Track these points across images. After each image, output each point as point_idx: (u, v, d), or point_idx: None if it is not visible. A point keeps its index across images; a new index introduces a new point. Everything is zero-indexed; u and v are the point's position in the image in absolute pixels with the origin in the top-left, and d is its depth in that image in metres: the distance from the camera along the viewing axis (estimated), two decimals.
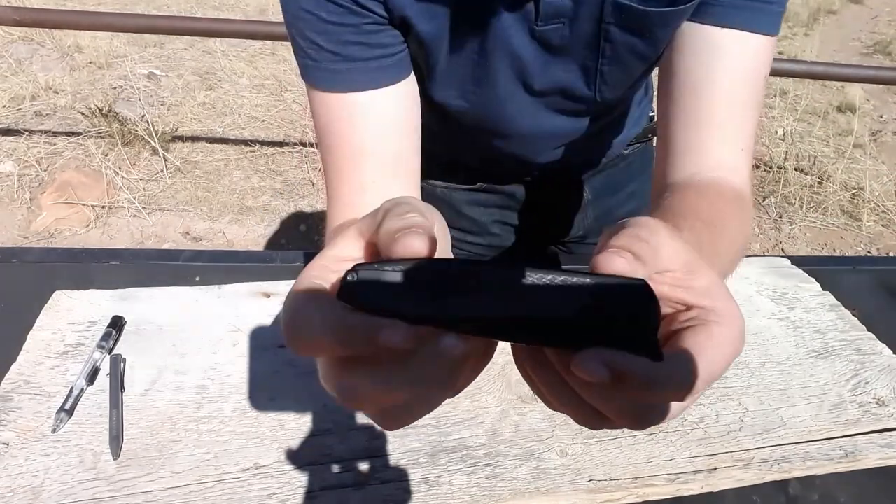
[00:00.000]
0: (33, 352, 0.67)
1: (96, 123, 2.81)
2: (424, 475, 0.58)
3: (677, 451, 0.61)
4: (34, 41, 3.60)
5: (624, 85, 0.64)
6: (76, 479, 0.55)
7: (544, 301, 0.23)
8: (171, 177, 2.70)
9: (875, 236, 2.68)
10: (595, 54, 0.58)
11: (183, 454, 0.58)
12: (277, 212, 2.59)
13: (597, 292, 0.23)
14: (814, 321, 0.80)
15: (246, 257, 0.86)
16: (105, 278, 0.79)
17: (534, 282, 0.23)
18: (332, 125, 0.56)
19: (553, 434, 0.62)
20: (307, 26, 0.53)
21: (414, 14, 0.53)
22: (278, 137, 3.03)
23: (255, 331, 0.72)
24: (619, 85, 0.63)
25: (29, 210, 2.44)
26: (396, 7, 0.52)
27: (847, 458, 0.62)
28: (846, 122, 3.47)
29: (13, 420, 0.60)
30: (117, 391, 0.63)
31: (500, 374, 0.69)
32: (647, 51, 0.58)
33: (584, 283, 0.23)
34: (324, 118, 0.57)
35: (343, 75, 0.54)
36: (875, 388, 0.70)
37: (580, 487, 0.57)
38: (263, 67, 3.66)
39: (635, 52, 0.58)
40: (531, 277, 0.23)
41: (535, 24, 0.55)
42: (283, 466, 0.58)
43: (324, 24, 0.52)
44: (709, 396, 0.68)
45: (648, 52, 0.59)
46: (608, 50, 0.58)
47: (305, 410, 0.63)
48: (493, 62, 0.59)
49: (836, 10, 5.25)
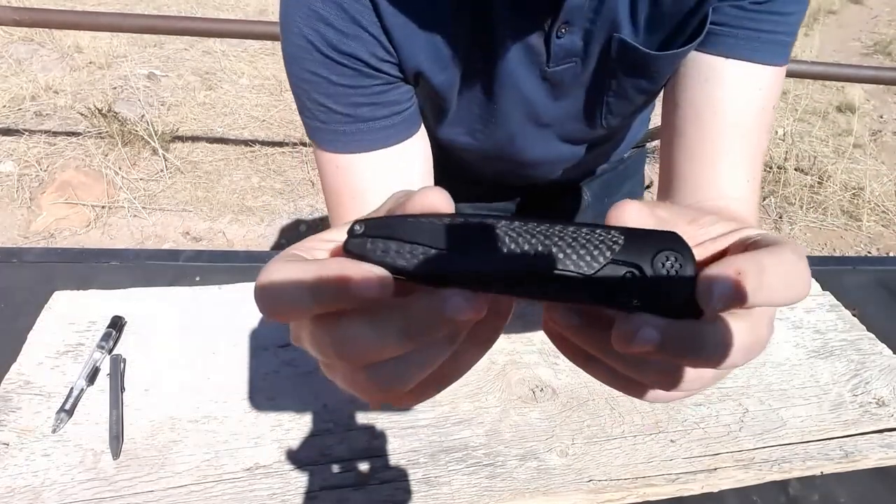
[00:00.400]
0: (33, 352, 0.67)
1: (96, 123, 2.81)
2: (425, 475, 0.58)
3: (677, 451, 0.61)
4: (34, 41, 3.59)
5: (628, 113, 0.64)
6: (76, 480, 0.55)
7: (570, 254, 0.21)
8: (171, 177, 2.70)
9: (875, 236, 2.68)
10: (602, 89, 0.58)
11: (183, 454, 0.58)
12: (277, 212, 2.59)
13: (627, 242, 0.21)
14: (814, 321, 0.80)
15: (246, 257, 0.86)
16: (105, 278, 0.79)
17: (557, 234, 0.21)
18: (341, 186, 0.56)
19: (553, 434, 0.62)
20: (315, 89, 0.51)
21: (427, 68, 0.52)
22: (278, 137, 3.03)
23: (255, 331, 0.72)
24: (624, 114, 0.64)
25: (29, 210, 2.44)
26: (410, 65, 0.52)
27: (847, 458, 0.62)
28: (846, 122, 3.47)
29: (13, 420, 0.60)
30: (117, 391, 0.63)
31: (500, 375, 0.69)
32: (650, 86, 0.58)
33: (611, 234, 0.21)
34: (331, 177, 0.56)
35: (354, 136, 0.53)
36: (875, 388, 0.70)
37: (580, 487, 0.57)
38: (263, 67, 3.65)
39: (639, 88, 0.58)
40: (553, 230, 0.21)
41: (547, 66, 0.54)
42: (283, 466, 0.58)
43: (334, 87, 0.51)
44: (709, 396, 0.68)
45: (652, 87, 0.59)
46: (614, 85, 0.58)
47: (305, 410, 0.63)
48: (502, 104, 0.58)
49: (836, 10, 5.25)
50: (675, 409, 0.66)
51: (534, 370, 0.70)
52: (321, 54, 0.49)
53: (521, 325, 0.75)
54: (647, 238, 0.21)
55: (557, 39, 0.52)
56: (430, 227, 0.21)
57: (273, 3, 4.45)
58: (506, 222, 0.21)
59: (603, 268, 0.21)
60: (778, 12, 0.51)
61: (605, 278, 0.21)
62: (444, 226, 0.21)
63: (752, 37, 0.51)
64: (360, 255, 0.21)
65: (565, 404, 0.66)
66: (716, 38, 0.52)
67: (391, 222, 0.21)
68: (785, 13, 0.51)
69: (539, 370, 0.70)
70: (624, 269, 0.21)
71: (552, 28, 0.51)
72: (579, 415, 0.65)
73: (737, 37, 0.52)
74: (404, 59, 0.51)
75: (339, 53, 0.49)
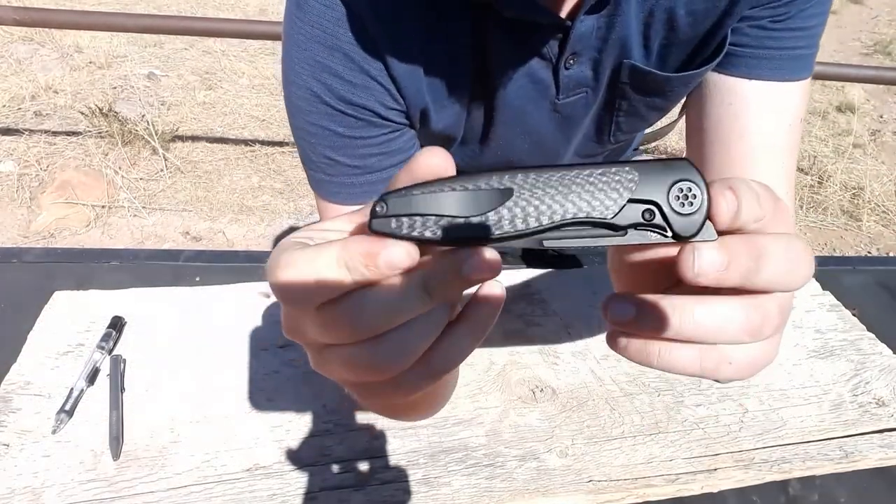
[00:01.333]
0: (33, 352, 0.67)
1: (96, 123, 2.81)
2: (425, 475, 0.58)
3: (677, 451, 0.61)
4: (34, 41, 3.59)
5: (638, 129, 0.63)
6: (76, 480, 0.55)
7: (591, 200, 0.22)
8: (171, 176, 2.70)
9: (875, 236, 2.68)
10: (612, 109, 0.57)
11: (183, 455, 0.58)
12: (277, 212, 2.58)
13: (642, 179, 0.22)
14: (814, 321, 0.80)
15: (246, 257, 0.86)
16: (105, 278, 0.79)
17: (573, 181, 0.22)
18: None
19: (553, 435, 0.62)
20: (321, 142, 0.50)
21: (433, 109, 0.52)
22: (278, 137, 3.03)
23: (255, 331, 0.72)
24: (635, 130, 0.62)
25: (29, 210, 2.44)
26: (415, 110, 0.51)
27: (847, 458, 0.62)
28: (846, 122, 3.46)
29: (13, 421, 0.60)
30: (117, 392, 0.63)
31: (500, 375, 0.69)
32: (664, 103, 0.57)
33: (625, 173, 0.22)
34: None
35: (363, 188, 0.52)
36: (875, 389, 0.70)
37: (580, 488, 0.57)
38: (263, 67, 3.65)
39: (653, 105, 0.57)
40: (568, 177, 0.22)
41: (557, 99, 0.53)
42: (283, 467, 0.58)
43: (342, 139, 0.50)
44: (709, 396, 0.68)
45: (666, 104, 0.57)
46: (625, 105, 0.56)
47: (305, 411, 0.63)
48: (509, 138, 0.57)
49: (836, 10, 5.24)
50: (674, 409, 0.66)
51: (534, 370, 0.70)
52: (329, 107, 0.48)
53: (521, 325, 0.75)
54: (660, 172, 0.22)
55: (566, 71, 0.51)
56: (452, 196, 0.22)
57: (273, 2, 4.45)
58: (522, 176, 0.22)
59: (622, 210, 0.22)
60: (799, 28, 0.49)
61: (626, 218, 0.22)
62: (466, 193, 0.22)
63: (774, 55, 0.50)
64: (387, 234, 0.22)
65: (565, 405, 0.66)
66: (737, 59, 0.50)
67: (412, 198, 0.22)
68: (806, 27, 0.49)
69: (539, 370, 0.70)
70: (642, 208, 0.22)
71: (559, 60, 0.50)
72: (579, 415, 0.65)
73: (758, 57, 0.50)
74: (411, 105, 0.50)
75: (347, 105, 0.48)
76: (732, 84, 0.51)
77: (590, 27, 0.48)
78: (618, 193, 0.22)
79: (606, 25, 0.48)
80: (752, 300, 0.24)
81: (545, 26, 0.47)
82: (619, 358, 0.72)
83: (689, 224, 0.22)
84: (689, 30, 0.49)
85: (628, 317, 0.23)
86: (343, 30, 0.46)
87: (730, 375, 0.25)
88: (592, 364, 0.71)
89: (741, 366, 0.24)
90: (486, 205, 0.22)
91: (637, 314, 0.23)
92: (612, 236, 0.22)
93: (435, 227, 0.21)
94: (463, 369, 0.68)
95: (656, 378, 0.70)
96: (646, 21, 0.49)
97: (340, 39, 0.46)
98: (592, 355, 0.72)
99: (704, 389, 0.69)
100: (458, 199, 0.22)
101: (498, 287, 0.24)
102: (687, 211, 0.22)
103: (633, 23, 0.48)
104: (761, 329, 0.24)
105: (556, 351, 0.72)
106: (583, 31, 0.48)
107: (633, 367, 0.71)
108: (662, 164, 0.22)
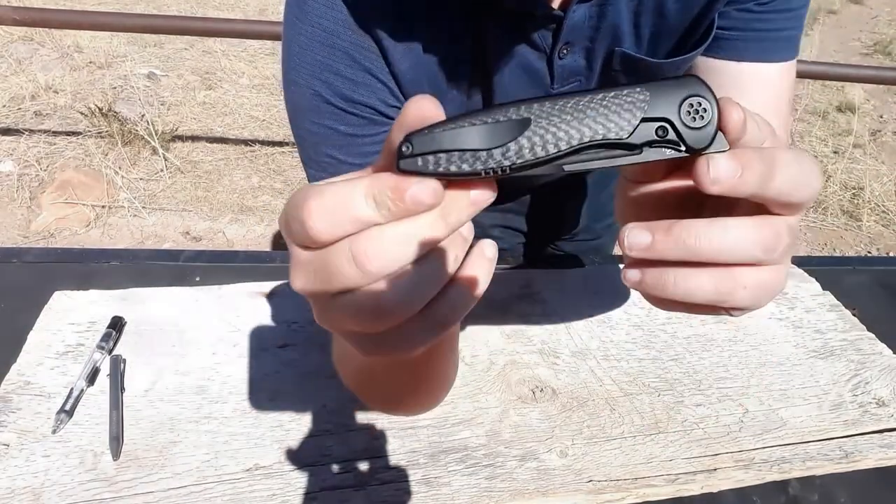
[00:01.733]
0: (33, 352, 0.67)
1: (96, 123, 2.81)
2: (425, 475, 0.58)
3: (677, 451, 0.61)
4: (34, 41, 3.59)
5: None
6: (76, 480, 0.55)
7: (605, 122, 0.23)
8: (171, 176, 2.70)
9: (875, 236, 2.68)
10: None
11: (183, 455, 0.58)
12: (277, 212, 2.58)
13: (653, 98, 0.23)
14: (814, 321, 0.80)
15: (246, 257, 0.86)
16: (105, 278, 0.79)
17: (588, 106, 0.23)
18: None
19: (553, 434, 0.62)
20: (323, 141, 0.50)
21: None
22: (278, 137, 3.03)
23: (255, 331, 0.72)
24: None
25: (29, 210, 2.44)
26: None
27: (847, 458, 0.62)
28: (846, 122, 3.46)
29: (13, 421, 0.60)
30: (117, 392, 0.63)
31: (500, 375, 0.69)
32: None
33: (637, 93, 0.23)
34: None
35: None
36: (875, 389, 0.70)
37: (580, 488, 0.57)
38: (263, 67, 3.65)
39: None
40: (582, 102, 0.23)
41: (552, 88, 0.54)
42: (283, 467, 0.58)
43: (344, 138, 0.50)
44: (709, 397, 0.68)
45: None
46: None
47: (305, 410, 0.63)
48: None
49: (836, 10, 5.24)
50: (674, 409, 0.66)
51: (534, 370, 0.70)
52: (331, 106, 0.48)
53: (521, 325, 0.75)
54: (670, 89, 0.23)
55: (560, 60, 0.52)
56: (473, 130, 0.23)
57: (273, 2, 4.45)
58: (538, 106, 0.23)
59: (636, 129, 0.23)
60: (784, 9, 0.50)
61: (640, 137, 0.23)
62: (486, 126, 0.23)
63: (762, 37, 0.51)
64: (415, 173, 0.22)
65: (565, 405, 0.66)
66: (725, 42, 0.52)
67: (435, 136, 0.23)
68: (791, 9, 0.51)
69: (539, 370, 0.70)
70: (656, 125, 0.23)
71: (553, 50, 0.51)
72: (579, 415, 0.65)
73: (746, 39, 0.51)
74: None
75: (350, 103, 0.48)
76: (721, 67, 0.53)
77: (582, 17, 0.48)
78: (631, 114, 0.23)
79: (598, 14, 0.49)
80: (763, 219, 0.24)
81: (539, 17, 0.48)
82: (619, 358, 0.72)
83: (702, 136, 0.23)
84: (679, 16, 0.50)
85: (644, 243, 0.24)
86: (344, 29, 0.46)
87: (744, 301, 0.25)
88: (592, 364, 0.71)
89: (755, 290, 0.25)
90: (507, 135, 0.23)
91: (653, 239, 0.24)
92: (629, 155, 0.23)
93: (460, 162, 0.22)
94: (463, 369, 0.68)
95: (656, 378, 0.70)
96: (636, 9, 0.50)
97: (341, 38, 0.46)
98: (592, 355, 0.72)
99: (704, 389, 0.69)
100: (479, 132, 0.23)
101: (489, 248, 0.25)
102: (698, 124, 0.23)
103: (623, 11, 0.49)
104: (774, 245, 0.24)
105: (556, 351, 0.72)
106: (575, 21, 0.48)
107: (633, 366, 0.71)
108: (672, 81, 0.23)
